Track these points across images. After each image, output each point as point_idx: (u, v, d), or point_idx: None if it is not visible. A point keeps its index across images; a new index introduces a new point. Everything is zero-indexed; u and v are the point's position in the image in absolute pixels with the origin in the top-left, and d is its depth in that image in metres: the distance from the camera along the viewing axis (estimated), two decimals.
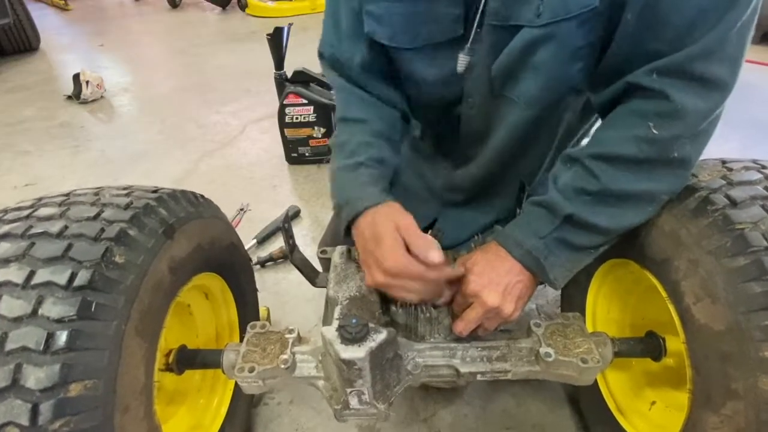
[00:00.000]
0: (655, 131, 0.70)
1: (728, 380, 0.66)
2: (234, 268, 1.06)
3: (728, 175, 0.75)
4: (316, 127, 2.28)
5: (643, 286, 0.91)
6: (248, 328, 0.88)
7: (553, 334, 0.84)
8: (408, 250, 0.76)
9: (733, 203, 0.69)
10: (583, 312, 1.06)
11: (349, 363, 0.72)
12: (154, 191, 0.82)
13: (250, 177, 2.33)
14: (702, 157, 0.76)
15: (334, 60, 0.97)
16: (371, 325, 0.75)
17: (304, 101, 2.22)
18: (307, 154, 2.36)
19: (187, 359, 0.91)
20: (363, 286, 0.87)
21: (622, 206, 0.76)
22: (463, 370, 0.82)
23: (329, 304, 0.89)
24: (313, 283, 1.06)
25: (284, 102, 2.23)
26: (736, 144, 2.40)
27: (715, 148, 0.74)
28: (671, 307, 0.77)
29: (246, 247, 1.78)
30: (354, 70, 0.95)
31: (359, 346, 0.72)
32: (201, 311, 1.05)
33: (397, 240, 0.76)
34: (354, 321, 0.73)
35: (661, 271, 0.79)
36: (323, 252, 1.02)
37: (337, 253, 0.97)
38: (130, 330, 0.67)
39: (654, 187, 0.75)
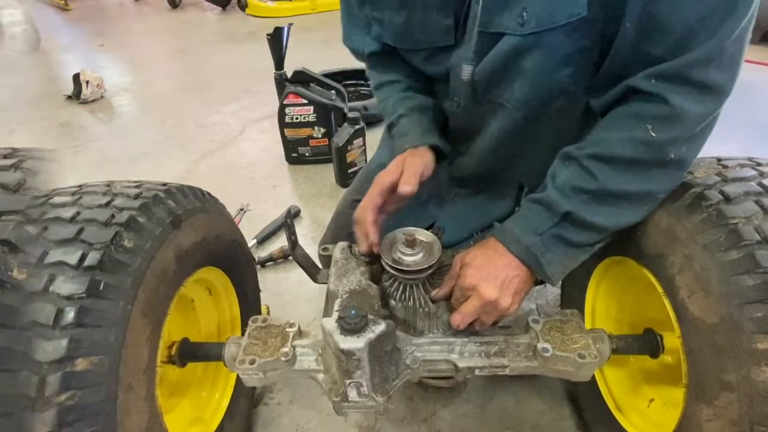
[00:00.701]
0: (652, 134, 0.71)
1: (721, 372, 0.66)
2: (237, 265, 1.07)
3: (723, 172, 0.76)
4: (316, 127, 2.28)
5: (641, 283, 0.92)
6: (250, 322, 0.89)
7: (550, 330, 0.84)
8: None
9: (727, 199, 0.70)
10: (582, 310, 1.06)
11: (348, 353, 0.73)
12: (164, 185, 0.85)
13: (250, 177, 2.33)
14: (699, 156, 0.77)
15: (353, 50, 1.07)
16: (370, 316, 0.76)
17: (304, 101, 2.22)
18: (307, 154, 2.36)
19: (189, 352, 0.92)
20: (363, 280, 0.88)
21: (618, 205, 0.77)
22: (461, 364, 0.83)
23: (329, 297, 0.90)
24: (315, 280, 1.07)
25: (284, 102, 2.23)
26: (736, 144, 2.40)
27: (714, 149, 0.75)
28: (667, 302, 0.78)
29: None
30: (370, 58, 1.04)
31: (358, 336, 0.73)
32: (204, 306, 1.07)
33: (395, 168, 0.88)
34: (353, 312, 0.74)
35: (657, 266, 0.80)
36: (324, 249, 1.03)
37: (338, 249, 0.98)
38: (137, 311, 0.68)
39: (650, 187, 0.76)
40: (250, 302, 1.15)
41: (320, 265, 1.11)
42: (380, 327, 0.75)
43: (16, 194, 0.72)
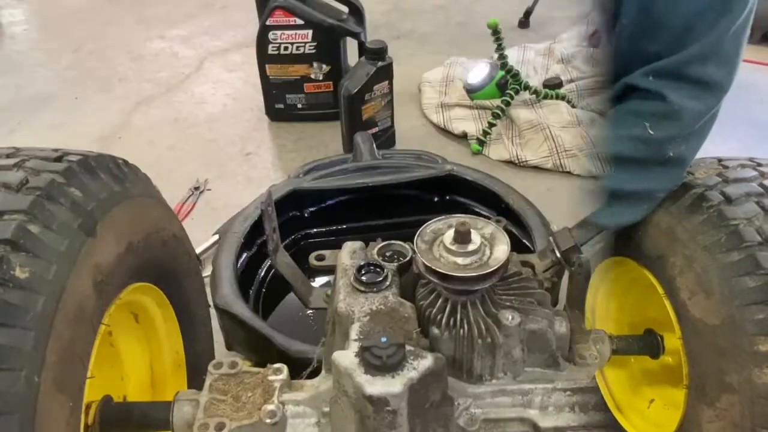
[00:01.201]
0: (651, 131, 0.71)
1: (723, 374, 0.67)
2: (176, 273, 0.78)
3: (724, 172, 0.76)
4: (315, 63, 1.57)
5: (641, 284, 0.92)
6: (210, 369, 0.66)
7: None
8: None
9: (728, 200, 0.71)
10: (582, 310, 1.07)
11: (378, 402, 0.51)
12: (58, 158, 0.58)
13: (211, 139, 1.66)
14: (699, 156, 0.77)
15: None
16: (409, 347, 0.54)
17: (299, 21, 1.52)
18: (299, 106, 1.63)
19: (116, 417, 0.65)
20: (390, 296, 0.63)
21: (617, 204, 0.77)
22: (545, 424, 0.64)
23: (337, 323, 0.66)
24: (306, 303, 0.78)
25: (267, 22, 1.54)
26: (735, 144, 2.39)
27: (714, 148, 0.75)
28: (667, 303, 0.79)
29: (204, 247, 1.32)
30: None
31: (393, 377, 0.51)
32: (128, 341, 0.77)
33: None
34: (384, 339, 0.52)
35: (658, 267, 0.80)
36: (319, 258, 0.75)
37: (346, 252, 0.71)
38: (48, 383, 0.46)
39: (650, 185, 0.76)
40: (197, 327, 0.85)
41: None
42: (426, 362, 0.53)
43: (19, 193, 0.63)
